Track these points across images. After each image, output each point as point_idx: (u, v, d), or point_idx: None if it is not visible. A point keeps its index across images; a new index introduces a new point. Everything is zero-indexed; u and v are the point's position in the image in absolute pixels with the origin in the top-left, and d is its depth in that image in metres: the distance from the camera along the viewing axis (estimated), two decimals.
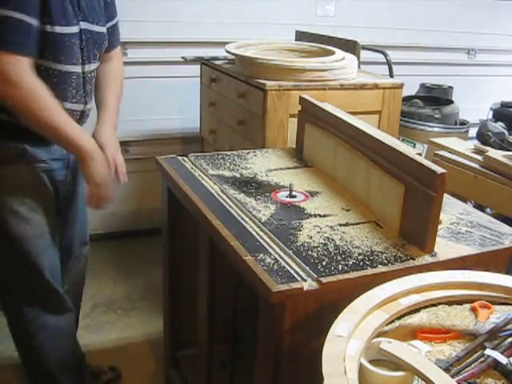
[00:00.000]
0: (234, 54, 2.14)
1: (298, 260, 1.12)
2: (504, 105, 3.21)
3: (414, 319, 0.98)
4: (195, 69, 2.61)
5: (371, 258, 1.15)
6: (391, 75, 2.79)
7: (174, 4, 2.81)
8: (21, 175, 1.48)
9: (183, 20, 2.84)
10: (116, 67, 1.71)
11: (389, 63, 2.81)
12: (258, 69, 2.00)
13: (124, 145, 2.97)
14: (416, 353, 0.87)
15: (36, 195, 1.52)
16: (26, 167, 1.48)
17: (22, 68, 1.31)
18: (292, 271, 1.08)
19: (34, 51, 1.34)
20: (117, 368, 2.00)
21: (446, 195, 1.32)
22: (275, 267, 1.09)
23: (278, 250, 1.16)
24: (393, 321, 0.97)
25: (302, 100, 1.73)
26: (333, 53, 2.12)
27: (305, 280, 1.05)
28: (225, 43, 2.33)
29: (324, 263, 1.11)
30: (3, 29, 1.28)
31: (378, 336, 0.93)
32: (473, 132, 3.04)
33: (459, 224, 1.35)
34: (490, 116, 3.22)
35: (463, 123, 3.23)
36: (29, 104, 1.32)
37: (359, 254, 1.16)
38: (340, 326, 0.89)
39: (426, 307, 1.01)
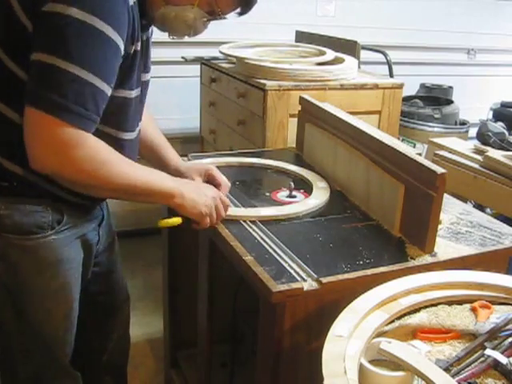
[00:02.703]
0: (228, 55, 2.15)
1: (298, 260, 1.11)
2: (504, 105, 3.21)
3: (414, 319, 0.98)
4: (195, 69, 2.61)
5: (371, 257, 1.15)
6: (391, 75, 2.79)
7: None
8: (53, 247, 1.18)
9: None
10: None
11: (389, 63, 2.81)
12: (256, 69, 2.00)
13: None
14: (416, 353, 0.87)
15: (68, 269, 1.22)
16: (58, 237, 1.18)
17: (87, 142, 1.04)
18: (292, 271, 1.08)
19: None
20: None
21: (446, 195, 1.32)
22: (275, 267, 1.09)
23: (278, 250, 1.16)
24: (393, 321, 0.97)
25: (301, 100, 1.73)
26: (342, 60, 2.13)
27: (305, 280, 1.05)
28: (225, 43, 2.34)
29: (324, 263, 1.11)
30: (76, 94, 1.00)
31: (378, 336, 0.93)
32: (473, 132, 3.04)
33: (459, 224, 1.35)
34: (490, 116, 3.22)
35: (463, 123, 3.23)
36: (97, 171, 1.06)
37: (359, 254, 1.16)
38: (340, 326, 0.89)
39: (426, 307, 1.01)
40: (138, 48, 1.14)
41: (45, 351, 1.26)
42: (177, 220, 1.26)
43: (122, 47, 1.05)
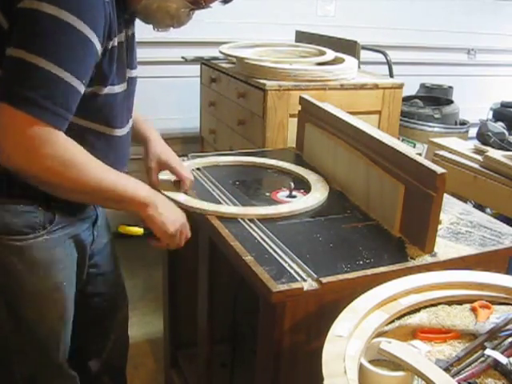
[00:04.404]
0: (228, 55, 2.14)
1: (298, 260, 1.11)
2: (504, 105, 3.21)
3: (414, 319, 0.98)
4: (195, 69, 2.61)
5: (371, 257, 1.15)
6: (391, 75, 2.79)
7: None
8: (45, 247, 1.16)
9: None
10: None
11: (389, 63, 2.81)
12: (256, 69, 2.00)
13: None
14: (416, 353, 0.87)
15: (61, 269, 1.21)
16: (50, 237, 1.17)
17: (58, 140, 1.02)
18: (292, 271, 1.08)
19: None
20: None
21: (446, 195, 1.32)
22: (275, 267, 1.09)
23: (278, 250, 1.16)
24: (393, 321, 0.97)
25: (302, 100, 1.73)
26: (342, 60, 2.13)
27: (305, 280, 1.05)
28: (225, 43, 2.34)
29: (324, 263, 1.11)
30: (50, 91, 0.98)
31: (378, 336, 0.93)
32: (473, 132, 3.04)
33: (459, 224, 1.35)
34: (490, 116, 3.22)
35: (463, 123, 3.23)
36: (65, 171, 1.03)
37: (359, 254, 1.16)
38: (340, 326, 0.89)
39: (425, 307, 1.01)
40: (116, 44, 1.12)
41: (40, 351, 1.25)
42: (138, 230, 1.26)
43: (98, 44, 1.04)
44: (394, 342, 0.87)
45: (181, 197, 1.38)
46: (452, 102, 3.24)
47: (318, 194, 1.43)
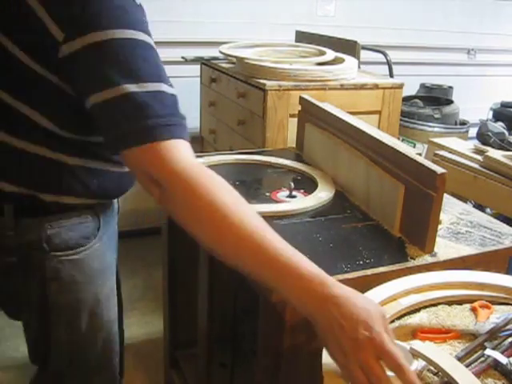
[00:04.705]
0: (228, 55, 2.14)
1: None
2: (504, 105, 3.22)
3: (414, 319, 0.98)
4: (195, 69, 2.61)
5: (371, 257, 1.15)
6: (391, 75, 2.79)
7: (174, 4, 2.81)
8: (98, 254, 1.15)
9: (183, 20, 2.84)
10: None
11: (389, 63, 2.81)
12: (256, 69, 2.00)
13: None
14: (447, 355, 0.87)
15: (112, 273, 1.22)
16: (101, 243, 1.15)
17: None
18: None
19: None
20: None
21: (446, 195, 1.32)
22: None
23: None
24: (393, 321, 0.97)
25: (301, 100, 1.73)
26: (342, 60, 2.13)
27: None
28: (225, 43, 2.34)
29: (324, 263, 1.11)
30: (177, 109, 0.94)
31: None
32: (473, 132, 3.04)
33: (459, 224, 1.35)
34: (490, 116, 3.22)
35: (463, 123, 3.23)
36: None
37: (359, 254, 1.16)
38: None
39: (425, 307, 1.01)
40: None
41: (95, 360, 1.23)
42: None
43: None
44: (427, 343, 0.88)
45: None
46: (452, 101, 3.24)
47: (322, 194, 1.43)
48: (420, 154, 1.35)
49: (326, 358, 0.81)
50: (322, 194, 1.42)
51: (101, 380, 1.28)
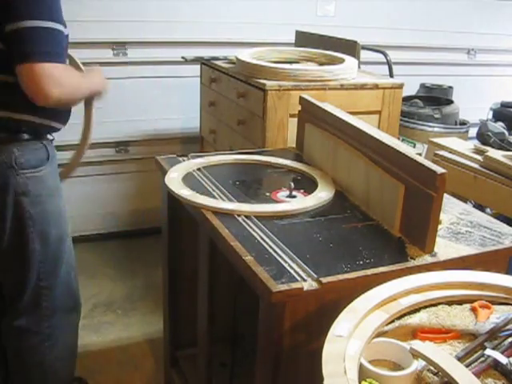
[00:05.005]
0: (246, 63, 2.14)
1: (298, 260, 1.12)
2: (504, 105, 3.21)
3: (414, 319, 0.98)
4: (195, 69, 2.61)
5: (371, 257, 1.15)
6: (391, 75, 2.79)
7: (174, 4, 2.81)
8: (52, 176, 1.52)
9: (183, 20, 2.84)
10: None
11: (389, 63, 2.81)
12: (256, 69, 2.00)
13: (124, 145, 2.97)
14: (447, 355, 0.87)
15: (62, 194, 1.58)
16: (52, 167, 1.53)
17: (63, 72, 1.38)
18: (292, 271, 1.08)
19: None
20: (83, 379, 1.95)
21: (446, 195, 1.32)
22: (275, 267, 1.09)
23: (278, 250, 1.16)
24: (393, 321, 0.97)
25: (302, 100, 1.73)
26: (342, 60, 2.13)
27: (305, 280, 1.05)
28: (225, 43, 2.34)
29: (324, 263, 1.11)
30: (51, 41, 1.34)
31: (378, 336, 0.93)
32: (473, 132, 3.04)
33: (459, 224, 1.35)
34: (490, 116, 3.22)
35: (463, 123, 3.23)
36: (74, 94, 1.46)
37: (359, 254, 1.16)
38: (340, 326, 0.89)
39: (425, 307, 1.01)
40: None
41: (63, 273, 1.57)
42: None
43: None
44: (427, 343, 0.88)
45: (183, 191, 1.40)
46: (452, 102, 3.24)
47: (322, 194, 1.43)
48: (420, 154, 1.35)
49: (326, 357, 0.81)
50: (322, 194, 1.42)
51: (66, 301, 1.63)
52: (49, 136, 1.55)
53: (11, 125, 1.43)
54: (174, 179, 1.48)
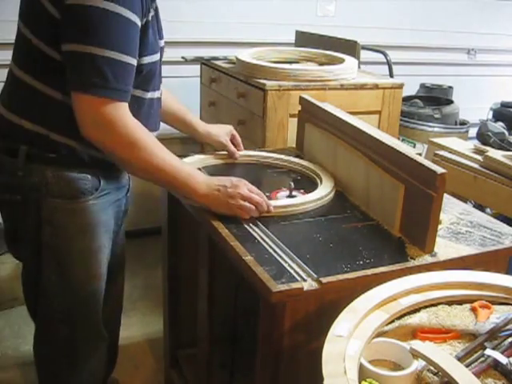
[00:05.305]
0: (247, 63, 2.14)
1: (298, 260, 1.12)
2: (504, 105, 3.22)
3: (414, 319, 0.98)
4: (195, 69, 2.61)
5: (371, 257, 1.15)
6: (391, 75, 2.79)
7: (174, 4, 2.81)
8: (92, 211, 1.32)
9: (183, 20, 2.84)
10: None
11: (389, 63, 2.81)
12: (256, 69, 2.00)
13: None
14: (446, 355, 0.87)
15: (103, 232, 1.37)
16: (97, 202, 1.33)
17: (126, 114, 1.20)
18: (292, 271, 1.08)
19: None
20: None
21: (446, 195, 1.32)
22: (275, 267, 1.09)
23: (278, 250, 1.16)
24: (393, 321, 0.97)
25: (302, 100, 1.73)
26: (342, 60, 2.13)
27: (305, 280, 1.05)
28: (225, 43, 2.34)
29: (324, 263, 1.11)
30: (112, 74, 1.15)
31: (378, 336, 0.93)
32: (473, 132, 3.04)
33: (459, 224, 1.35)
34: (490, 116, 3.22)
35: (463, 123, 3.23)
36: (136, 150, 1.21)
37: (359, 254, 1.16)
38: (340, 326, 0.89)
39: (426, 307, 1.01)
40: (150, 18, 1.26)
41: (82, 311, 1.40)
42: None
43: (139, 22, 1.19)
44: (427, 343, 0.88)
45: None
46: (452, 102, 3.24)
47: (322, 193, 1.43)
48: (420, 154, 1.35)
49: (326, 357, 0.81)
50: (322, 193, 1.42)
51: (88, 332, 1.44)
52: (112, 165, 1.32)
53: (49, 144, 1.25)
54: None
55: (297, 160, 1.65)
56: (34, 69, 1.24)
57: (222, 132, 1.68)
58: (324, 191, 1.42)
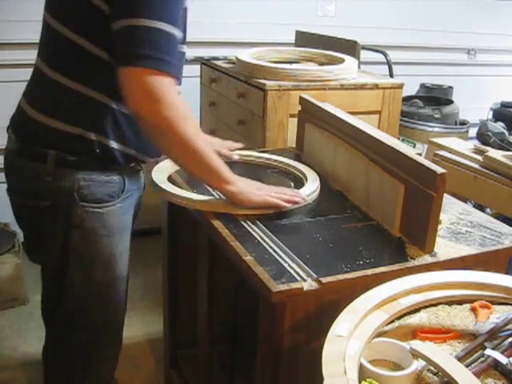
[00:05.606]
0: (247, 63, 2.14)
1: (298, 260, 1.12)
2: (504, 105, 3.22)
3: (414, 319, 0.98)
4: (195, 69, 2.61)
5: (371, 257, 1.15)
6: (391, 75, 2.79)
7: None
8: (119, 214, 1.31)
9: None
10: None
11: (389, 63, 2.81)
12: (256, 69, 2.00)
13: None
14: (446, 355, 0.87)
15: (128, 235, 1.37)
16: (122, 204, 1.31)
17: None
18: (292, 271, 1.08)
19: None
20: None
21: (446, 195, 1.32)
22: (275, 267, 1.09)
23: (278, 249, 1.16)
24: (393, 321, 0.97)
25: (302, 100, 1.73)
26: (342, 60, 2.13)
27: (305, 280, 1.05)
28: (225, 43, 2.34)
29: (324, 263, 1.11)
30: (167, 48, 1.14)
31: (378, 336, 0.93)
32: (473, 132, 3.04)
33: (459, 224, 1.35)
34: (490, 116, 3.22)
35: (463, 123, 3.23)
36: (184, 126, 1.18)
37: (359, 254, 1.16)
38: (340, 326, 0.89)
39: (426, 307, 1.01)
40: (186, 6, 1.25)
41: (104, 316, 1.37)
42: None
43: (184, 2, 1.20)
44: (427, 343, 0.88)
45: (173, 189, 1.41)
46: (452, 102, 3.25)
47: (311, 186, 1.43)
48: (420, 154, 1.35)
49: (326, 357, 0.81)
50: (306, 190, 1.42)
51: (105, 336, 1.41)
52: (134, 165, 1.34)
53: (82, 146, 1.23)
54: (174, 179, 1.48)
55: (280, 158, 1.66)
56: (72, 69, 1.20)
57: (221, 146, 1.61)
58: (310, 189, 1.42)
